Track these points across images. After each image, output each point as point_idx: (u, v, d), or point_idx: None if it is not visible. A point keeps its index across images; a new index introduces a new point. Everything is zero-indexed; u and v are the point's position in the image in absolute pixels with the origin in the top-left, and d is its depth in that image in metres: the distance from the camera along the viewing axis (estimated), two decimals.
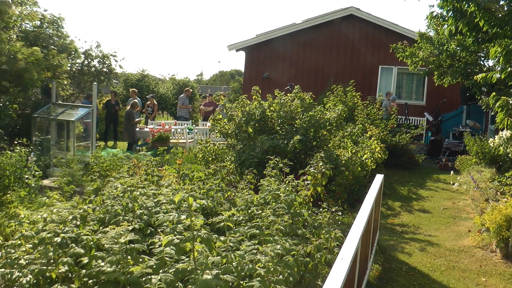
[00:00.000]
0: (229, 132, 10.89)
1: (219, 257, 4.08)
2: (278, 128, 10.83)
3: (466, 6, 8.31)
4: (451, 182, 12.96)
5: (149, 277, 3.76)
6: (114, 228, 4.30)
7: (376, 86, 22.02)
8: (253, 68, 23.51)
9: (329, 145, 10.97)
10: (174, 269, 3.82)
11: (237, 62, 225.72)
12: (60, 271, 4.13)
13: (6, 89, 13.67)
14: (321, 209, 6.39)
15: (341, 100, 15.44)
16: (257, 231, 4.76)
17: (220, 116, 11.05)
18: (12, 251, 4.57)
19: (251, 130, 10.67)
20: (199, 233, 3.90)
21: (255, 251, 4.44)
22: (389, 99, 18.63)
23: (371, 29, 21.97)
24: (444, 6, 8.93)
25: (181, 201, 4.10)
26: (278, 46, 23.03)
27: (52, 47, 16.97)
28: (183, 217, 4.10)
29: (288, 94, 11.45)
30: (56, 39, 17.83)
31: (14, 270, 4.16)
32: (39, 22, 17.29)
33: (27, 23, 16.68)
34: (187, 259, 4.17)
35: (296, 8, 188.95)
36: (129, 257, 4.07)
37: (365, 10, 22.14)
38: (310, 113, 10.64)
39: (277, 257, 4.23)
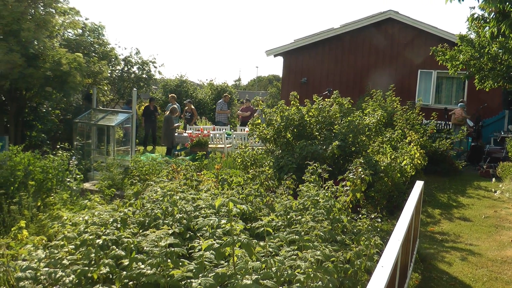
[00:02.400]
0: (268, 137, 10.90)
1: (259, 262, 4.09)
2: (316, 133, 10.79)
3: (509, 7, 8.14)
4: (493, 189, 12.69)
5: (189, 280, 3.79)
6: (154, 232, 4.35)
7: (415, 91, 21.70)
8: (291, 73, 23.50)
9: (368, 151, 10.86)
10: (214, 274, 3.84)
11: (275, 67, 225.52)
12: (101, 272, 4.21)
13: (49, 95, 14.03)
14: (360, 216, 6.33)
15: (380, 105, 15.26)
16: (297, 236, 4.74)
17: (259, 121, 11.06)
18: (56, 251, 4.68)
19: (289, 135, 10.66)
20: (239, 238, 3.91)
21: (295, 256, 4.43)
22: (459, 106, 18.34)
23: (409, 33, 21.68)
24: (486, 8, 8.78)
25: (220, 206, 4.13)
26: (316, 51, 22.97)
27: (93, 54, 17.36)
28: (223, 221, 4.12)
29: (327, 99, 11.39)
30: (97, 46, 18.28)
31: (58, 269, 4.26)
32: (80, 31, 17.75)
33: (69, 32, 17.15)
34: (226, 263, 4.19)
35: (334, 13, 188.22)
36: (169, 260, 4.11)
37: (404, 13, 21.84)
38: (348, 118, 10.57)
39: (317, 263, 4.21)
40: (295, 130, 10.68)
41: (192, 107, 21.39)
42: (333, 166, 9.58)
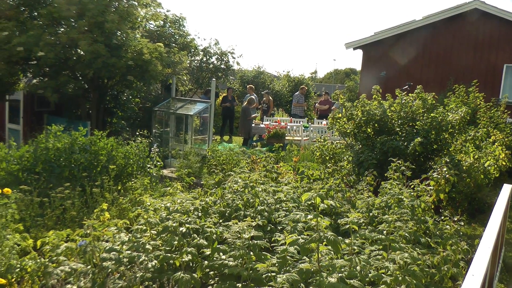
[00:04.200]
0: (348, 131, 10.68)
1: (342, 260, 3.96)
2: (397, 129, 10.47)
3: None
4: None
5: (272, 274, 3.72)
6: (236, 223, 4.32)
7: (500, 87, 20.68)
8: (370, 66, 23.00)
9: (450, 149, 10.44)
10: (298, 269, 3.76)
11: (353, 60, 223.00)
12: (183, 259, 4.21)
13: (130, 83, 14.37)
14: (442, 217, 6.06)
15: (462, 101, 14.64)
16: (382, 236, 4.57)
17: (340, 115, 10.85)
18: (138, 235, 4.73)
19: (370, 130, 10.42)
20: (326, 235, 3.80)
21: (380, 256, 4.28)
22: None
23: (496, 24, 20.62)
24: None
25: (307, 201, 4.03)
26: (396, 44, 22.35)
27: (173, 45, 17.64)
28: (309, 217, 4.01)
29: (410, 94, 11.03)
30: (177, 37, 18.55)
31: (141, 254, 4.29)
32: (162, 22, 18.07)
33: (151, 23, 17.50)
34: (307, 259, 4.09)
35: (416, 4, 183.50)
36: (251, 253, 4.05)
37: (490, 3, 20.75)
38: (431, 114, 10.19)
39: (403, 266, 4.04)
40: (376, 125, 10.42)
41: (270, 98, 21.35)
42: (414, 164, 9.27)
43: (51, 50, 12.22)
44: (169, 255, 4.27)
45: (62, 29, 13.20)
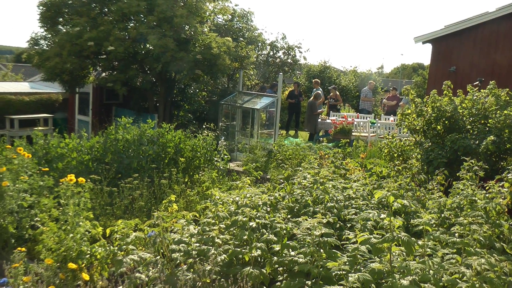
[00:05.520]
0: (417, 128, 10.37)
1: (414, 262, 3.80)
2: (469, 127, 10.08)
3: None
4: None
5: (342, 272, 3.61)
6: (306, 219, 4.23)
7: None
8: (439, 61, 22.29)
9: None
10: (370, 269, 3.63)
11: (420, 55, 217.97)
12: (252, 254, 4.16)
13: (198, 77, 14.51)
14: None
15: None
16: (457, 239, 4.36)
17: (409, 111, 10.54)
18: (207, 229, 4.72)
19: (439, 128, 10.07)
20: (399, 235, 3.65)
21: (454, 261, 4.09)
22: None
23: None
24: None
25: (376, 198, 3.89)
26: (468, 37, 21.54)
27: (241, 39, 17.69)
28: (382, 216, 3.87)
29: (482, 90, 10.59)
30: (245, 31, 18.59)
31: (210, 247, 4.28)
32: (230, 16, 18.15)
33: (219, 18, 17.61)
34: (377, 259, 3.96)
35: None
36: (321, 250, 3.96)
37: None
38: (505, 111, 9.74)
39: (481, 272, 3.84)
40: (446, 122, 10.05)
41: (337, 93, 21.10)
42: (486, 164, 8.90)
43: (121, 45, 12.53)
44: (239, 249, 4.24)
45: (132, 24, 13.50)
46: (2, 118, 15.57)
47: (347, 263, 3.80)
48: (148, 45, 13.49)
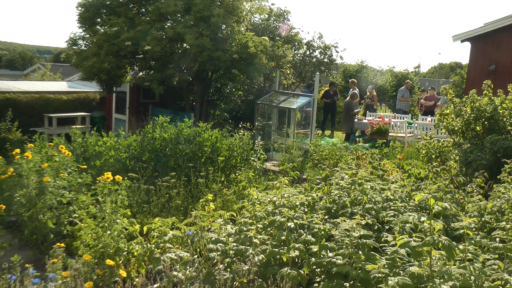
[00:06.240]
0: (456, 129, 10.18)
1: (455, 266, 3.72)
2: (509, 128, 9.84)
3: None
4: None
5: (381, 275, 3.56)
6: (345, 220, 4.19)
7: None
8: (478, 60, 21.85)
9: None
10: (410, 273, 3.57)
11: (458, 54, 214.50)
12: (290, 255, 4.14)
13: (234, 76, 14.54)
14: None
15: None
16: (500, 244, 4.25)
17: (448, 111, 10.35)
18: (244, 228, 4.72)
19: (479, 128, 9.85)
20: (440, 239, 3.58)
21: (496, 267, 3.98)
22: None
23: None
24: None
25: (417, 200, 3.83)
26: (508, 35, 21.04)
27: (278, 38, 17.65)
28: (423, 219, 3.80)
29: None
30: (281, 31, 18.55)
31: (248, 247, 4.27)
32: (266, 16, 18.12)
33: (255, 17, 17.58)
34: (416, 263, 3.90)
35: None
36: (360, 252, 3.91)
37: None
38: None
39: None
40: (486, 122, 9.83)
41: (374, 93, 20.90)
42: None
43: (158, 44, 12.63)
44: (276, 250, 4.23)
45: (169, 24, 13.60)
46: (41, 117, 15.87)
47: (386, 266, 3.75)
48: (185, 45, 13.58)
